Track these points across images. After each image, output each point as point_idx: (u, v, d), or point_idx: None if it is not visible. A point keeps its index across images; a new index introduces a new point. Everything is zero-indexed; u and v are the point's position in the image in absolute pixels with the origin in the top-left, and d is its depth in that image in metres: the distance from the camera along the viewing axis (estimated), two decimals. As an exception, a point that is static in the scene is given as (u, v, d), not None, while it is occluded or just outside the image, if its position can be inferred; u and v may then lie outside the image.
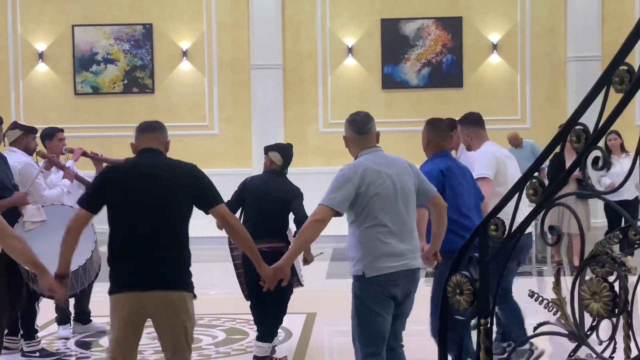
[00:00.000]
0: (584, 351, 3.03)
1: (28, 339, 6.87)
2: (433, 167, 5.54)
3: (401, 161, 4.88)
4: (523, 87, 15.01)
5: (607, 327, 2.93)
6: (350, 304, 4.85)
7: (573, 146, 2.88)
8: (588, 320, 2.97)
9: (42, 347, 6.99)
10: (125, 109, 15.12)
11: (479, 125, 6.38)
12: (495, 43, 14.91)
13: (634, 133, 10.85)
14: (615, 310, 2.82)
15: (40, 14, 15.09)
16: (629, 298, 2.87)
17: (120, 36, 15.05)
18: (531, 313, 7.90)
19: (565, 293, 3.00)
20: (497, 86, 15.02)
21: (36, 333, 6.98)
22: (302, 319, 7.95)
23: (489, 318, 3.24)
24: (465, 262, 3.28)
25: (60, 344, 7.40)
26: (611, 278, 2.89)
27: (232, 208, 6.39)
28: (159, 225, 4.41)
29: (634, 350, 2.91)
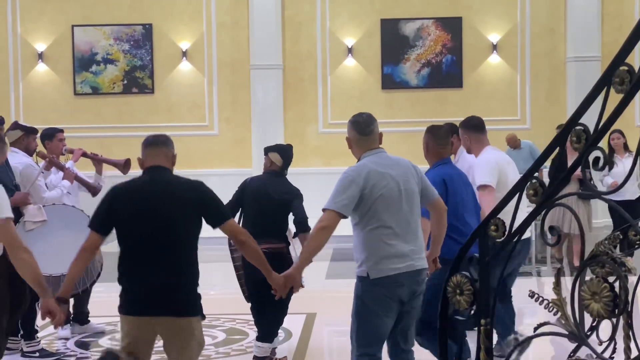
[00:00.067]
0: (584, 351, 3.04)
1: (28, 339, 6.87)
2: (436, 176, 5.55)
3: (405, 162, 4.88)
4: (523, 88, 15.00)
5: (607, 328, 2.94)
6: (350, 304, 4.85)
7: (573, 146, 2.89)
8: (588, 320, 2.98)
9: (42, 347, 6.99)
10: (125, 109, 15.11)
11: (480, 130, 6.40)
12: (495, 43, 14.90)
13: (634, 133, 10.91)
14: (615, 310, 2.83)
15: (40, 14, 15.08)
16: (629, 298, 2.87)
17: (120, 36, 15.04)
18: (531, 313, 7.92)
19: (565, 293, 3.01)
20: (497, 86, 15.01)
21: (36, 333, 6.99)
22: (302, 319, 7.95)
23: (489, 318, 3.24)
24: (465, 263, 3.29)
25: (60, 344, 7.40)
26: (611, 278, 2.89)
27: (232, 209, 6.40)
28: (168, 245, 4.38)
29: (634, 350, 2.92)
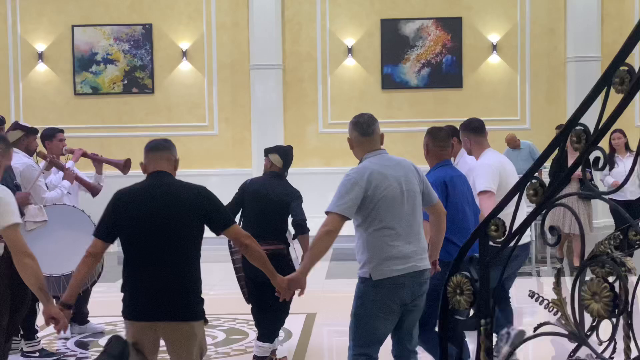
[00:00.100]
0: (584, 351, 3.04)
1: (28, 339, 6.87)
2: (436, 178, 5.55)
3: (407, 163, 4.88)
4: (523, 88, 15.00)
5: (607, 328, 2.94)
6: (350, 304, 4.85)
7: (574, 146, 2.89)
8: (588, 320, 2.98)
9: (42, 347, 6.99)
10: (124, 109, 15.11)
11: (480, 133, 6.41)
12: (494, 43, 14.90)
13: (634, 133, 10.91)
14: (615, 310, 2.83)
15: (39, 15, 15.08)
16: (629, 298, 2.87)
17: (119, 36, 15.04)
18: (531, 313, 7.93)
19: (565, 293, 3.01)
20: (497, 86, 15.02)
21: (36, 333, 6.99)
22: (302, 319, 7.95)
23: (489, 318, 3.24)
24: (465, 263, 3.29)
25: (60, 344, 7.41)
26: (611, 278, 2.89)
27: (232, 211, 6.41)
28: (171, 251, 4.39)
29: (634, 350, 2.92)
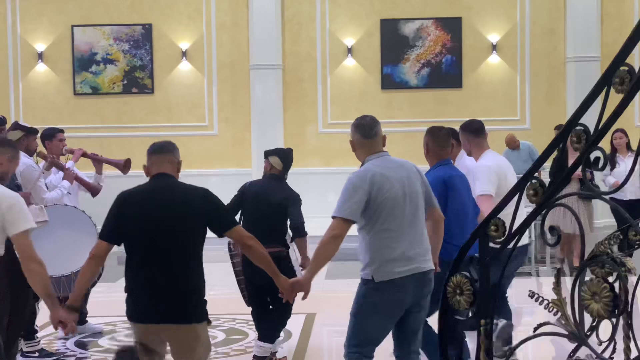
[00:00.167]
0: (584, 351, 3.03)
1: (28, 339, 6.87)
2: (436, 177, 5.54)
3: (409, 165, 4.88)
4: (522, 88, 14.99)
5: (607, 328, 2.94)
6: (350, 304, 4.85)
7: (574, 146, 2.89)
8: (588, 320, 2.98)
9: (42, 347, 6.99)
10: (124, 109, 15.11)
11: (480, 134, 6.40)
12: (494, 43, 14.90)
13: (634, 133, 10.90)
14: (615, 310, 2.82)
15: (39, 15, 15.07)
16: (629, 298, 2.87)
17: (119, 36, 15.04)
18: (530, 313, 7.93)
19: (565, 293, 3.00)
20: (497, 86, 15.01)
21: (36, 333, 6.98)
22: (302, 319, 7.94)
23: (489, 318, 3.24)
24: (465, 263, 3.29)
25: (59, 344, 7.40)
26: (611, 278, 2.89)
27: (232, 213, 6.41)
28: (173, 253, 4.40)
29: (634, 350, 2.92)
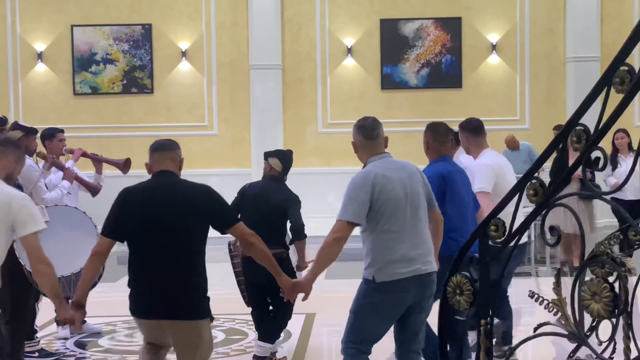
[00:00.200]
0: (584, 351, 3.03)
1: (27, 339, 6.86)
2: (433, 172, 5.54)
3: (411, 166, 4.89)
4: (522, 88, 14.99)
5: (607, 328, 2.93)
6: (349, 304, 4.85)
7: (574, 147, 2.89)
8: (588, 320, 2.98)
9: (42, 347, 6.99)
10: (124, 109, 15.11)
11: (479, 133, 6.40)
12: (494, 43, 14.90)
13: (634, 133, 10.89)
14: (615, 310, 2.82)
15: (39, 15, 15.07)
16: (629, 299, 2.87)
17: (119, 36, 15.03)
18: (530, 313, 7.92)
19: (565, 293, 3.00)
20: (496, 87, 15.01)
21: (35, 333, 6.98)
22: (302, 319, 7.94)
23: (489, 318, 3.24)
24: (465, 263, 3.29)
25: (59, 344, 7.40)
26: (611, 279, 2.89)
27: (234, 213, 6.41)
28: (176, 249, 4.41)
29: (634, 350, 2.92)
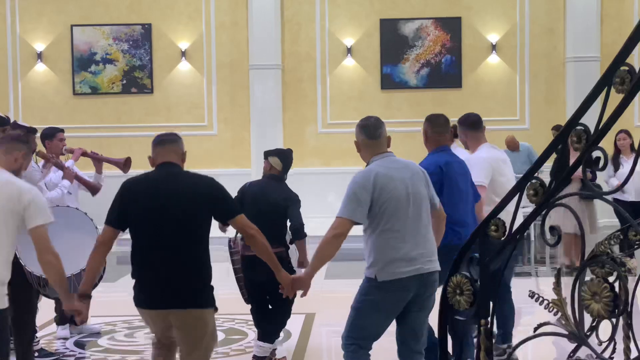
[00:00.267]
0: (584, 351, 3.03)
1: (27, 339, 6.86)
2: (431, 163, 5.54)
3: (414, 165, 4.89)
4: (522, 88, 15.00)
5: (607, 328, 2.93)
6: (349, 304, 4.85)
7: (574, 147, 2.88)
8: (588, 320, 2.98)
9: (41, 347, 6.98)
10: (124, 109, 15.11)
11: (477, 128, 6.40)
12: (494, 43, 14.90)
13: (634, 134, 10.88)
14: (615, 310, 2.82)
15: (39, 14, 15.07)
16: (629, 299, 2.87)
17: (119, 36, 15.03)
18: (530, 313, 7.92)
19: (565, 293, 3.00)
20: (496, 87, 15.01)
21: (35, 333, 6.97)
22: (301, 319, 7.94)
23: (489, 318, 3.24)
24: (465, 263, 3.29)
25: (59, 344, 7.39)
26: (611, 278, 2.89)
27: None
28: (180, 239, 4.42)
29: (634, 350, 2.92)
